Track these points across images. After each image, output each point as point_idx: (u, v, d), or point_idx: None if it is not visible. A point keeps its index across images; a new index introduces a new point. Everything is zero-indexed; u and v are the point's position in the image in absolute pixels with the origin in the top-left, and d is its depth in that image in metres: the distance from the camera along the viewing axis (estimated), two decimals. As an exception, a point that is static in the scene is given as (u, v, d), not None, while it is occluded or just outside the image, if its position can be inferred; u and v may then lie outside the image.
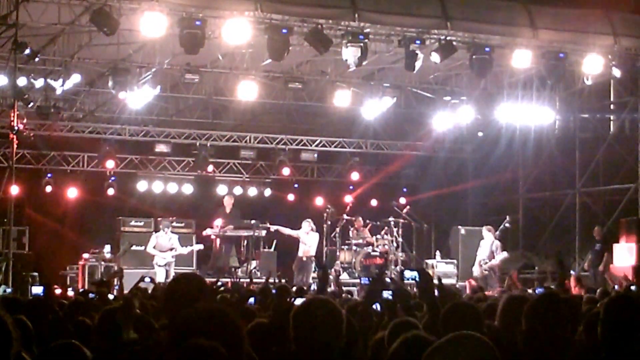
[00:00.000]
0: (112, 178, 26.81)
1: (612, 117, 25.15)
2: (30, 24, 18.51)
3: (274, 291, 10.37)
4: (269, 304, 8.93)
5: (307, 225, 23.66)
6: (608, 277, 21.75)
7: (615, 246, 22.68)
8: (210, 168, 27.71)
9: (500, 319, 5.28)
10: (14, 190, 19.64)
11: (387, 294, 7.38)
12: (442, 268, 24.89)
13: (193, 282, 5.41)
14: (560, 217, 25.79)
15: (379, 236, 24.60)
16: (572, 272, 21.25)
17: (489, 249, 22.57)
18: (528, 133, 25.68)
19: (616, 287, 16.98)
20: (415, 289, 8.07)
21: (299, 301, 5.65)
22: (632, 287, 16.33)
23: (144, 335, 6.67)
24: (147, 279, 11.51)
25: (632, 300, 5.98)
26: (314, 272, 23.07)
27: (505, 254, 22.66)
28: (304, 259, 23.35)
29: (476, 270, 22.53)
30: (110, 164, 26.24)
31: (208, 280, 6.88)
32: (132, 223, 24.97)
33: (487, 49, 20.31)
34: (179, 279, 5.63)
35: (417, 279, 6.47)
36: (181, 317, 4.28)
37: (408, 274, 6.90)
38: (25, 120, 21.66)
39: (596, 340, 5.13)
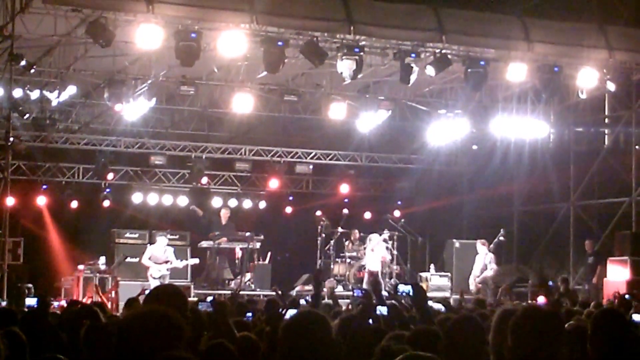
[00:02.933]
0: (107, 190, 26.81)
1: (606, 131, 25.20)
2: (26, 36, 18.54)
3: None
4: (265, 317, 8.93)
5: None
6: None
7: (610, 260, 22.70)
8: (205, 180, 27.70)
9: (493, 333, 5.29)
10: (9, 201, 19.64)
11: (382, 309, 7.40)
12: (436, 281, 24.90)
13: (171, 296, 5.35)
14: (555, 231, 25.80)
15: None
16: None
17: (482, 263, 22.62)
18: (523, 146, 25.65)
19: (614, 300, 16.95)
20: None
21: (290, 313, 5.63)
22: (627, 296, 16.33)
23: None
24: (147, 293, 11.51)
25: (619, 314, 6.01)
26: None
27: (495, 267, 22.69)
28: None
29: (471, 284, 22.55)
30: (109, 176, 26.32)
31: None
32: (127, 235, 24.96)
33: (482, 63, 20.35)
34: (159, 289, 5.64)
35: (410, 293, 6.48)
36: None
37: (402, 288, 6.92)
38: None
39: (580, 355, 5.14)
